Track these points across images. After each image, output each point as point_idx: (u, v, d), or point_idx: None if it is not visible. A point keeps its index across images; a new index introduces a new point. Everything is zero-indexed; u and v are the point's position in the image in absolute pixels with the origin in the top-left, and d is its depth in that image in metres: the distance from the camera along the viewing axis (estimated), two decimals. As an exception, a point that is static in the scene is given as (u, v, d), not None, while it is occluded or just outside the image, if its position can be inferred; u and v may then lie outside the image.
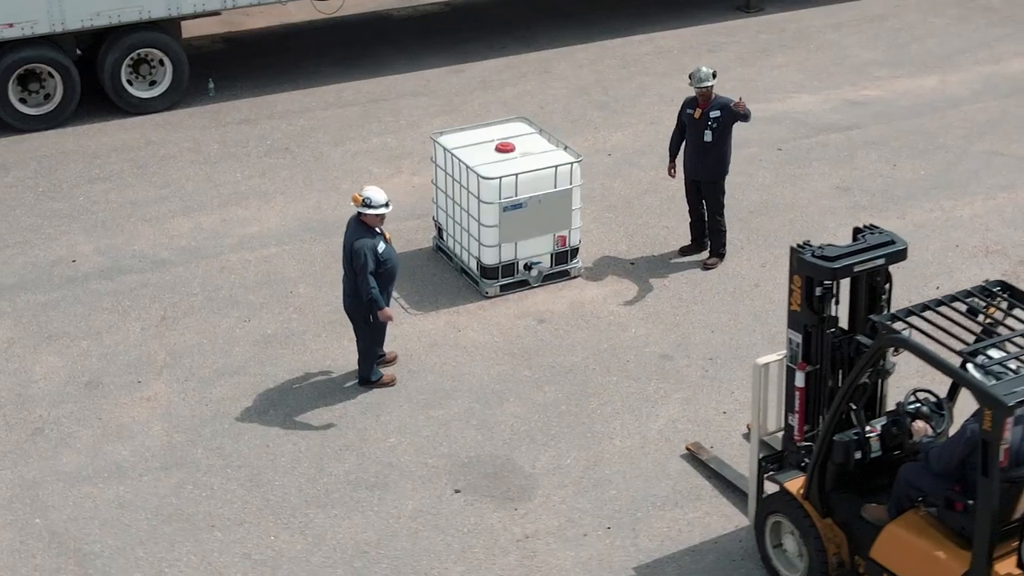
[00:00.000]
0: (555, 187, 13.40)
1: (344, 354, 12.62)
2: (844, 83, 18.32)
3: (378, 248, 11.61)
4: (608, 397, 12.08)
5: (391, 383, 12.12)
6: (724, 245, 14.12)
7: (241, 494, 10.98)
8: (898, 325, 9.08)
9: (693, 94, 13.77)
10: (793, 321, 9.69)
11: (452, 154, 13.61)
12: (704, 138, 13.68)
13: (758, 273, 13.95)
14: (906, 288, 13.28)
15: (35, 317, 13.25)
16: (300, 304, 13.42)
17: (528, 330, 13.05)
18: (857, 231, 9.76)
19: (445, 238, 14.10)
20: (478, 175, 13.22)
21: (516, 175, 13.21)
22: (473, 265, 13.61)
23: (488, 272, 13.51)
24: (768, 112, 17.39)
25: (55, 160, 16.33)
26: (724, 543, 10.41)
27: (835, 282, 9.52)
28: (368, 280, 11.48)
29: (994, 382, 8.31)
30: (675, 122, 14.04)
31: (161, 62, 17.39)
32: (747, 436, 11.14)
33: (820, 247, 9.51)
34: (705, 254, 14.17)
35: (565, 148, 13.78)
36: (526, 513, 10.76)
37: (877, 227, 9.77)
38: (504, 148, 13.62)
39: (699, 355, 12.63)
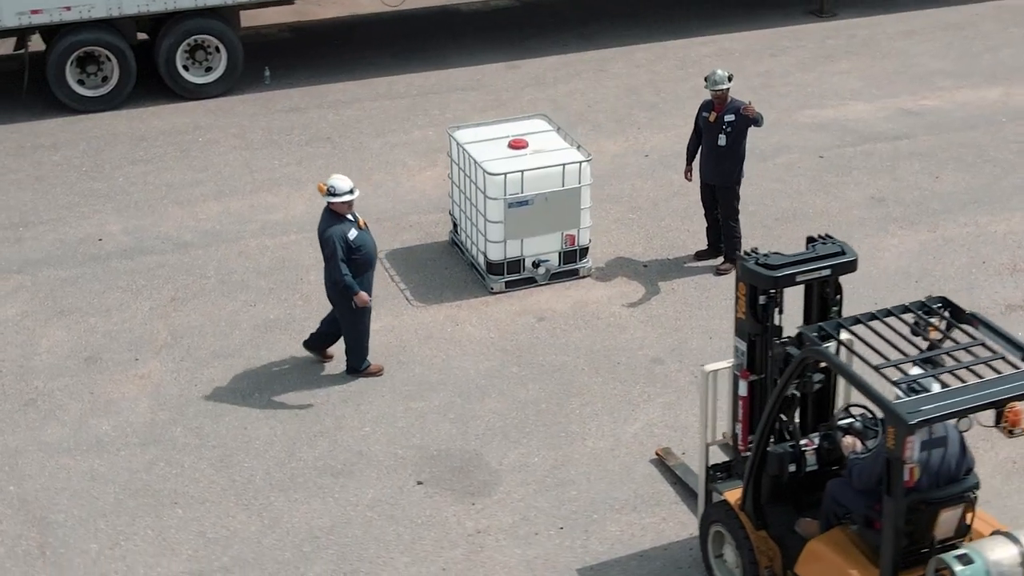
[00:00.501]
0: (563, 185, 13.36)
1: (338, 343, 12.75)
2: (903, 92, 17.94)
3: (349, 235, 11.71)
4: (590, 398, 12.03)
5: (379, 373, 12.22)
6: (738, 250, 13.95)
7: (209, 473, 11.18)
8: (846, 336, 8.94)
9: (730, 98, 13.59)
10: (738, 329, 9.55)
11: (463, 149, 13.67)
12: (718, 142, 13.54)
13: (771, 281, 13.75)
14: (945, 290, 13.05)
15: (52, 292, 13.63)
16: (307, 292, 13.59)
17: (526, 327, 13.05)
18: (810, 240, 9.58)
19: (459, 232, 14.17)
20: (484, 170, 13.26)
21: (522, 172, 13.21)
22: (481, 260, 13.65)
23: (494, 268, 13.54)
24: (818, 119, 17.13)
25: (104, 141, 16.76)
26: (674, 550, 10.31)
27: (778, 291, 9.36)
28: (339, 267, 11.59)
29: (904, 399, 8.12)
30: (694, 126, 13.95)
31: (217, 49, 17.74)
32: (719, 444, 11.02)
33: (765, 255, 9.36)
34: (720, 259, 14.02)
35: (578, 147, 13.74)
36: (482, 508, 10.77)
37: (831, 237, 9.58)
38: (517, 145, 13.63)
39: (692, 360, 12.50)
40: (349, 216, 11.82)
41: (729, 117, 13.46)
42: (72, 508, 10.80)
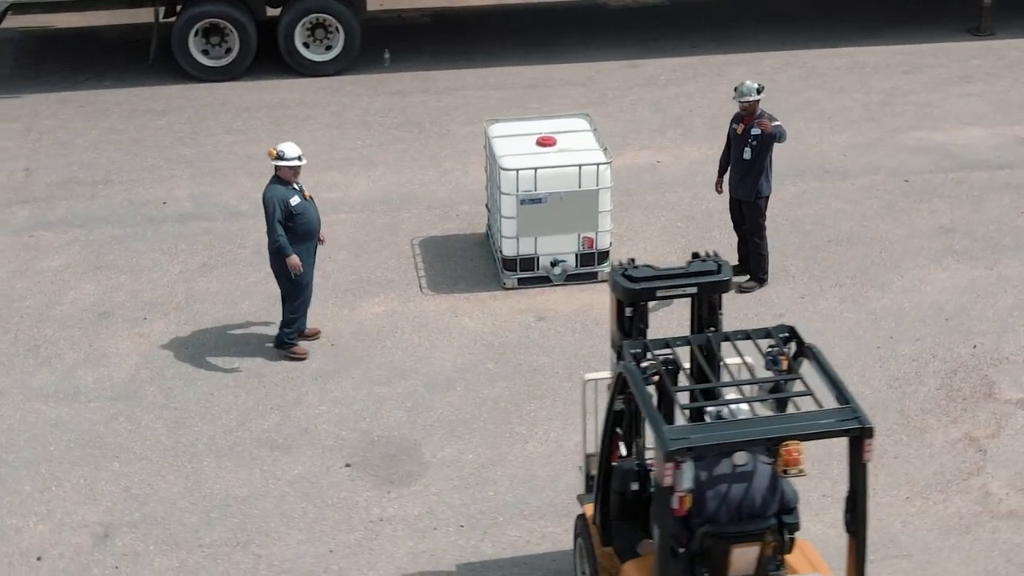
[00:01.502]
0: (579, 186, 13.23)
1: (336, 322, 13.03)
2: (1029, 121, 16.96)
3: (290, 200, 11.98)
4: (551, 402, 11.93)
5: (302, 356, 12.42)
6: (764, 270, 13.52)
7: (160, 433, 11.62)
8: (687, 350, 8.70)
9: (760, 111, 13.20)
10: (611, 341, 9.36)
11: (490, 142, 13.71)
12: (744, 155, 13.16)
13: (791, 304, 13.29)
14: (943, 341, 12.50)
15: (99, 248, 14.37)
16: (330, 270, 13.88)
17: (522, 325, 13.01)
18: (695, 256, 9.29)
19: (490, 225, 14.24)
20: (499, 165, 13.27)
21: (535, 169, 13.16)
22: (498, 255, 13.67)
23: (508, 264, 13.53)
24: (924, 141, 16.36)
25: (210, 110, 17.49)
26: (562, 561, 10.15)
27: (641, 304, 9.09)
28: (275, 228, 11.88)
29: (679, 425, 7.86)
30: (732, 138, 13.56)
31: (336, 28, 18.22)
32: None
33: (636, 267, 9.11)
34: (746, 276, 13.62)
35: (604, 150, 13.56)
36: (395, 498, 10.85)
37: (716, 255, 9.25)
38: (545, 142, 13.57)
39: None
40: (295, 184, 12.07)
41: (755, 131, 13.05)
42: (24, 450, 11.43)
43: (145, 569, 10.19)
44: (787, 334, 8.60)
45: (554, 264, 13.52)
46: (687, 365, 8.72)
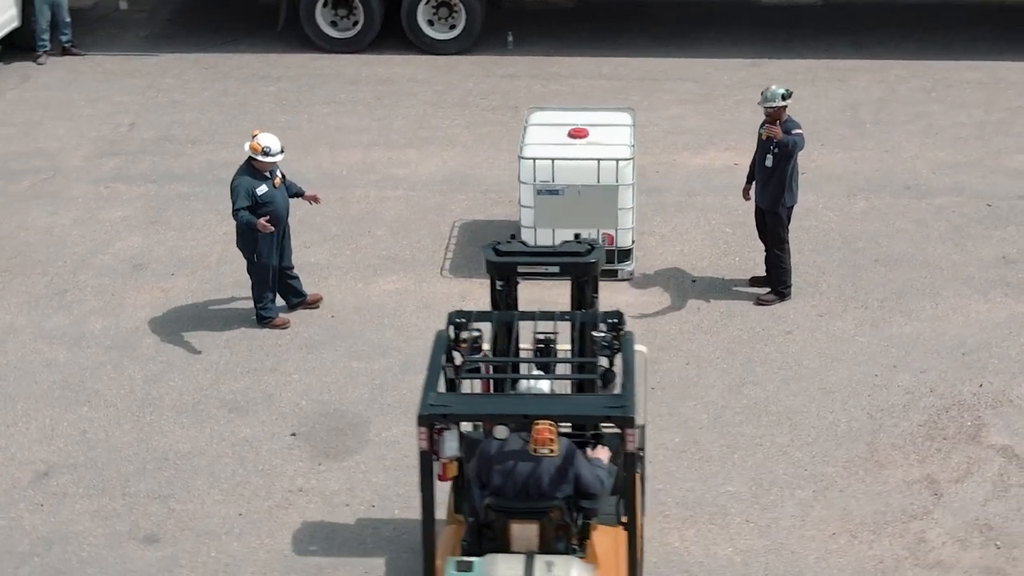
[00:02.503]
0: (598, 181, 13.03)
1: (346, 295, 13.25)
2: None
3: (257, 190, 12.22)
4: (515, 394, 11.83)
5: (284, 325, 12.64)
6: (786, 284, 13.02)
7: (137, 385, 12.09)
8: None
9: (787, 117, 12.77)
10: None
11: (526, 129, 13.64)
12: (766, 162, 12.71)
13: (805, 321, 12.77)
14: (949, 375, 11.91)
15: (161, 204, 14.98)
16: (363, 244, 14.10)
17: (521, 316, 12.91)
18: (575, 238, 9.48)
19: (527, 214, 14.17)
20: (519, 153, 13.20)
21: (552, 160, 13.03)
22: (520, 245, 13.61)
23: (526, 253, 13.46)
24: (1026, 166, 15.42)
25: (321, 80, 17.94)
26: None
27: (511, 279, 9.23)
28: (239, 216, 12.17)
29: (444, 392, 8.18)
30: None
31: (460, 8, 18.39)
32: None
33: (508, 242, 9.25)
34: (767, 289, 13.15)
35: (631, 147, 13.30)
36: (323, 472, 10.99)
37: (594, 239, 9.37)
38: (576, 134, 13.41)
39: (648, 382, 11.93)
40: (267, 174, 12.28)
41: (792, 137, 12.59)
42: (10, 387, 12.08)
43: (66, 510, 10.65)
44: (616, 320, 8.67)
45: (575, 257, 13.35)
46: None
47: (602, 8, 20.04)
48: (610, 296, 13.10)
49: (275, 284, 12.76)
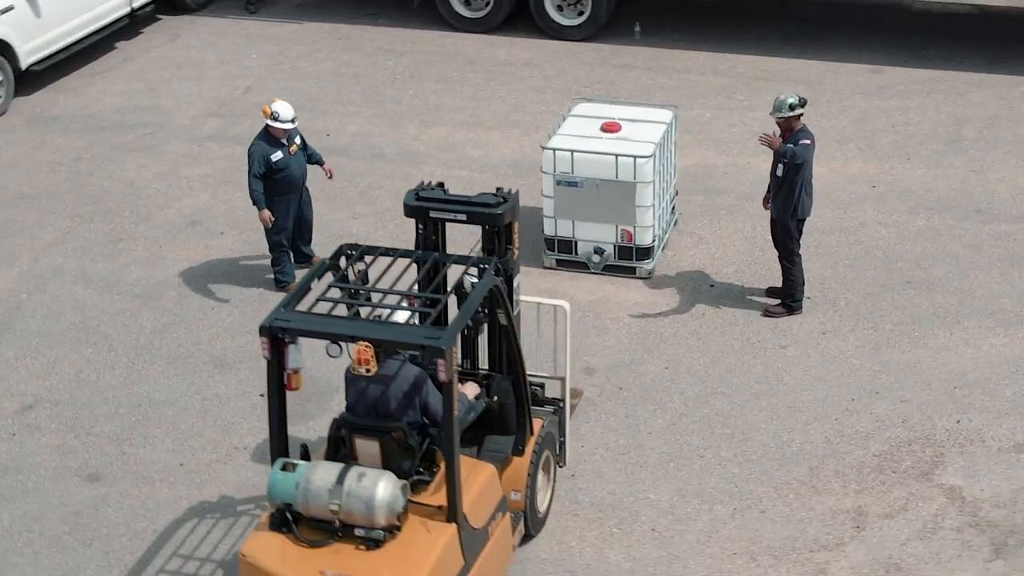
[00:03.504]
0: (616, 177, 12.99)
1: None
2: None
3: (272, 156, 12.65)
4: (484, 380, 11.99)
5: None
6: (795, 297, 12.70)
7: (145, 334, 12.80)
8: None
9: (801, 125, 12.48)
10: None
11: (564, 119, 13.71)
12: (777, 171, 12.43)
13: (805, 337, 12.45)
14: (928, 409, 11.57)
15: (241, 165, 15.12)
16: (402, 222, 14.37)
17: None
18: (498, 191, 9.88)
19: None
20: (544, 144, 13.29)
21: (572, 152, 13.07)
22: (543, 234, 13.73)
23: (547, 243, 13.55)
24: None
25: (440, 57, 18.31)
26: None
27: (431, 222, 9.82)
28: (251, 182, 12.57)
29: (290, 310, 8.98)
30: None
31: (587, -5, 18.52)
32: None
33: (430, 189, 9.91)
34: (777, 300, 12.87)
35: (658, 146, 13.19)
36: (252, 455, 11.20)
37: (511, 191, 9.77)
38: (609, 128, 13.41)
39: (618, 381, 11.95)
40: (284, 140, 12.68)
41: (790, 147, 12.28)
42: (34, 323, 12.99)
43: (35, 443, 11.44)
44: (485, 265, 9.36)
45: (600, 252, 13.37)
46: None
47: (737, 3, 19.71)
48: (620, 293, 13.20)
49: (290, 248, 13.25)
